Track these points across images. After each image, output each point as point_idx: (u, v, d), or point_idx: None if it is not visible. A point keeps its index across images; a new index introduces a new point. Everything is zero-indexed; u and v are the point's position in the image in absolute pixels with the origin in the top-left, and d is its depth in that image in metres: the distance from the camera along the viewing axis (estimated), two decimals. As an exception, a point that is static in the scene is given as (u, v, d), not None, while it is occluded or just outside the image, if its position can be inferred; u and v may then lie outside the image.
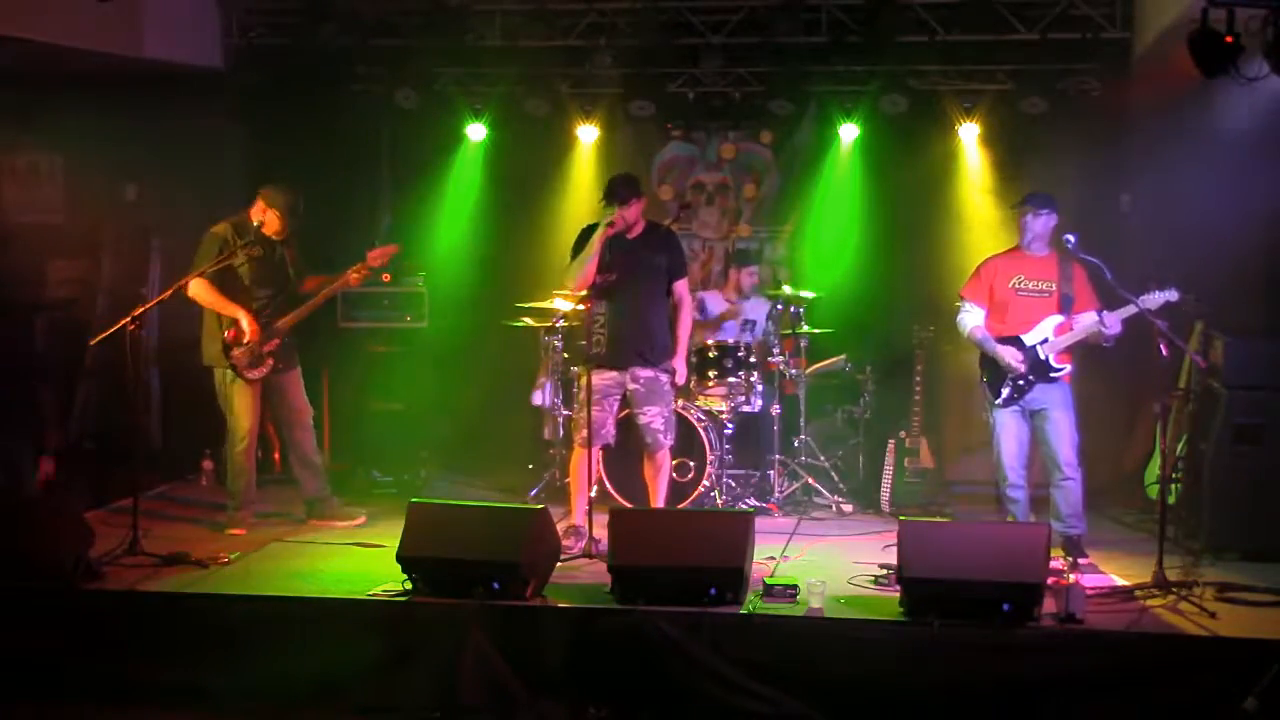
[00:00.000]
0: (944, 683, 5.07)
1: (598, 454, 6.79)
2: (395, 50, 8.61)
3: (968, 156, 8.74)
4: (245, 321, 6.75)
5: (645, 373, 6.66)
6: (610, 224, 6.49)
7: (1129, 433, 7.95)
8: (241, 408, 6.91)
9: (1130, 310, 6.20)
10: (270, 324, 6.88)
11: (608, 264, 6.53)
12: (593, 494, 6.64)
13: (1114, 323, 6.29)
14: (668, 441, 6.76)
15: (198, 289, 6.74)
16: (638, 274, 6.60)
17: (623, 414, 6.91)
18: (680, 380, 6.88)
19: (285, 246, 7.00)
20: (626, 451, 6.98)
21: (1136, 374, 6.92)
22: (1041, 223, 6.48)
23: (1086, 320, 6.40)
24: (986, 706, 5.03)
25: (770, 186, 9.48)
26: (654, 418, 6.68)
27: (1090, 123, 8.28)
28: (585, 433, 6.56)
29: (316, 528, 7.07)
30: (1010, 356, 6.45)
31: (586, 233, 6.65)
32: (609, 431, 6.72)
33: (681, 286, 6.81)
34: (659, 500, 6.82)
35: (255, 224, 6.81)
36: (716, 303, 8.48)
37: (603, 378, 6.59)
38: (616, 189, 6.59)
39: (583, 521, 6.52)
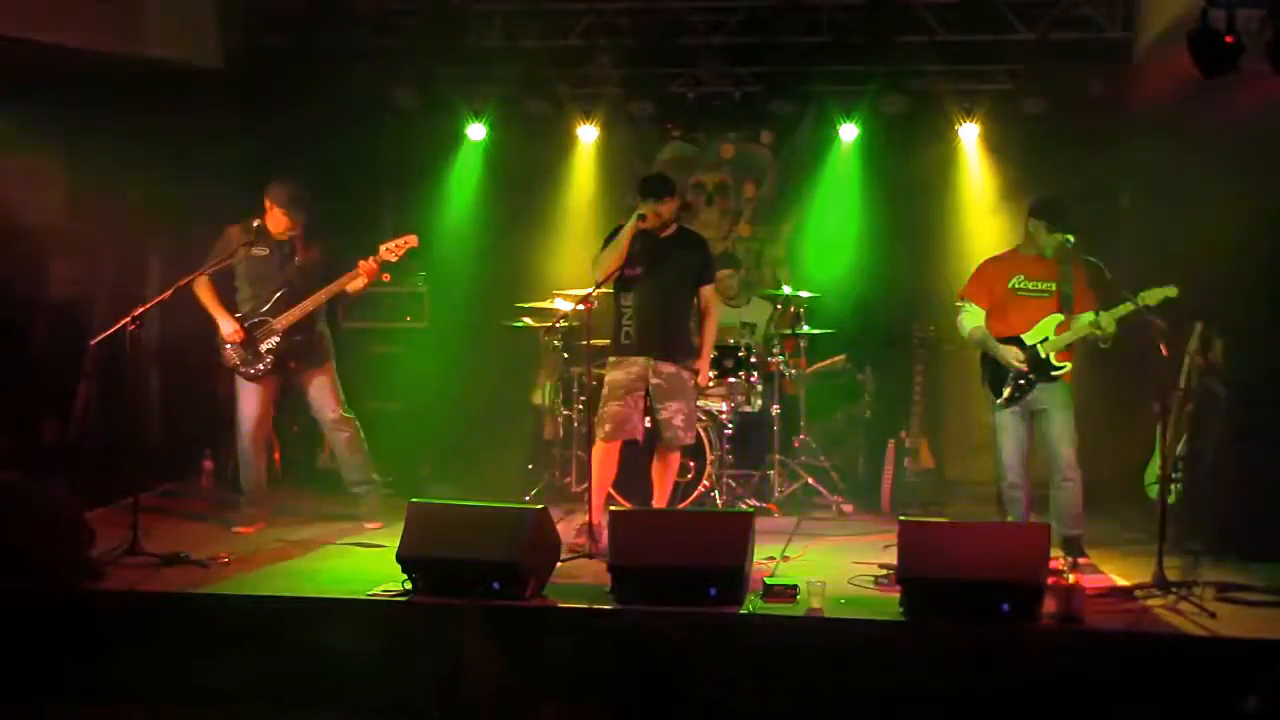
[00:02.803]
0: (944, 683, 5.06)
1: (617, 448, 6.73)
2: (395, 50, 8.61)
3: (968, 156, 8.76)
4: (222, 324, 6.87)
5: (668, 368, 6.65)
6: (641, 217, 6.52)
7: (1129, 433, 7.95)
8: (244, 403, 7.00)
9: (1129, 309, 6.20)
10: (265, 323, 6.88)
11: (635, 257, 6.58)
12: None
13: (1109, 322, 6.30)
14: (687, 440, 6.75)
15: (199, 288, 6.83)
16: (665, 271, 6.63)
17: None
18: (703, 381, 6.86)
19: (303, 246, 6.96)
20: (628, 451, 6.97)
21: (1136, 374, 6.92)
22: (1054, 240, 6.44)
23: (1083, 320, 6.41)
24: (986, 706, 5.02)
25: (770, 186, 9.49)
26: (675, 414, 6.66)
27: (1090, 123, 8.28)
28: (609, 427, 6.56)
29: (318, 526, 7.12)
30: (1012, 356, 6.45)
31: (616, 231, 6.68)
32: (633, 427, 6.70)
33: (709, 292, 6.81)
34: (664, 499, 6.81)
35: (255, 224, 6.82)
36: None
37: (627, 372, 6.59)
38: (651, 185, 6.66)
39: (598, 520, 6.47)
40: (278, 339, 6.87)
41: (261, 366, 6.90)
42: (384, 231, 9.12)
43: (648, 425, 6.80)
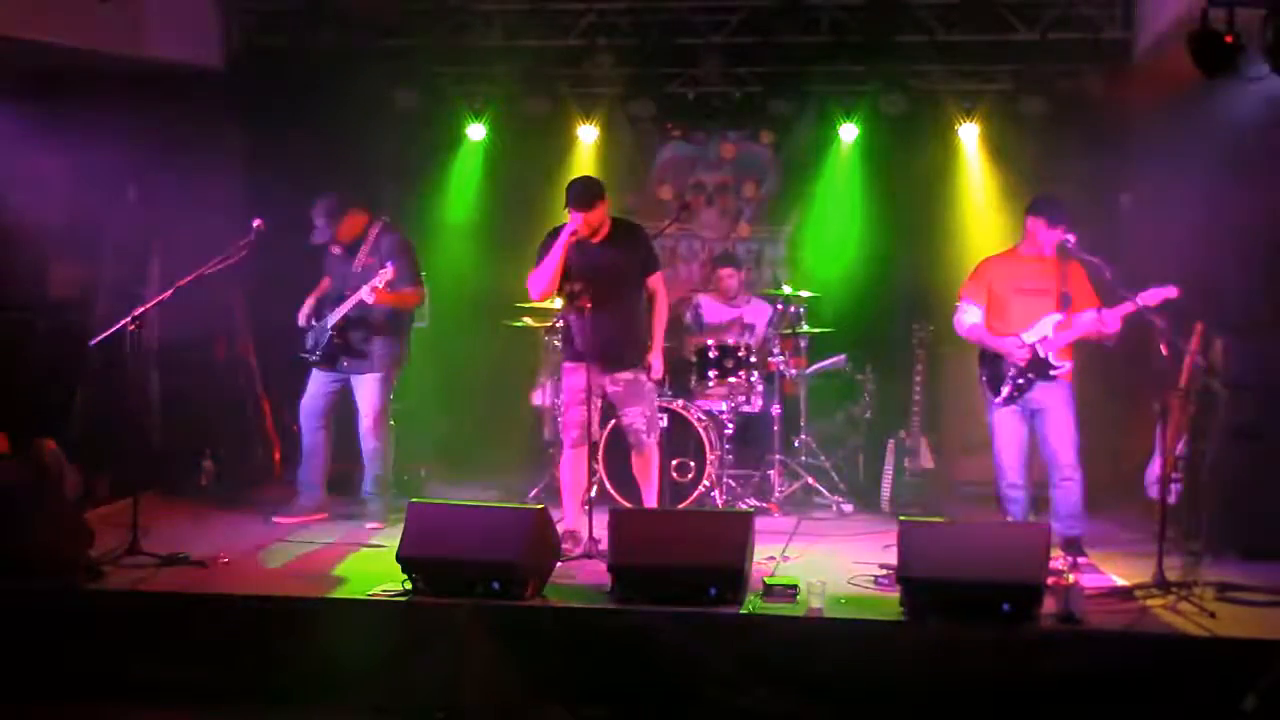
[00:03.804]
0: (944, 683, 5.07)
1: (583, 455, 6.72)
2: (395, 50, 8.61)
3: (968, 156, 8.75)
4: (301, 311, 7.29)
5: (624, 374, 6.60)
6: (573, 232, 6.38)
7: (1129, 433, 7.95)
8: (308, 389, 7.30)
9: (1129, 308, 6.21)
10: (324, 316, 7.18)
11: (573, 271, 6.43)
12: (593, 494, 6.62)
13: (1113, 320, 6.30)
14: (651, 440, 6.69)
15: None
16: (606, 279, 6.46)
17: (612, 422, 6.90)
18: (656, 375, 6.74)
19: (371, 249, 7.19)
20: (627, 451, 6.97)
21: (1136, 374, 6.92)
22: (1052, 235, 6.45)
23: (1085, 319, 6.41)
24: (986, 706, 5.03)
25: (770, 186, 9.49)
26: (635, 418, 6.63)
27: (1090, 123, 8.28)
28: (576, 433, 6.53)
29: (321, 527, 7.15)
30: (1011, 345, 6.44)
31: (551, 238, 6.53)
32: (595, 430, 6.68)
33: (654, 280, 6.67)
34: (651, 496, 6.79)
35: (256, 223, 6.82)
36: (712, 308, 8.48)
37: (586, 377, 6.51)
38: (577, 194, 6.43)
39: (575, 526, 6.49)
40: (329, 334, 7.14)
41: (317, 355, 7.20)
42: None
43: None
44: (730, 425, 7.86)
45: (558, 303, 7.64)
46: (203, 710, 5.26)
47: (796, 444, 8.26)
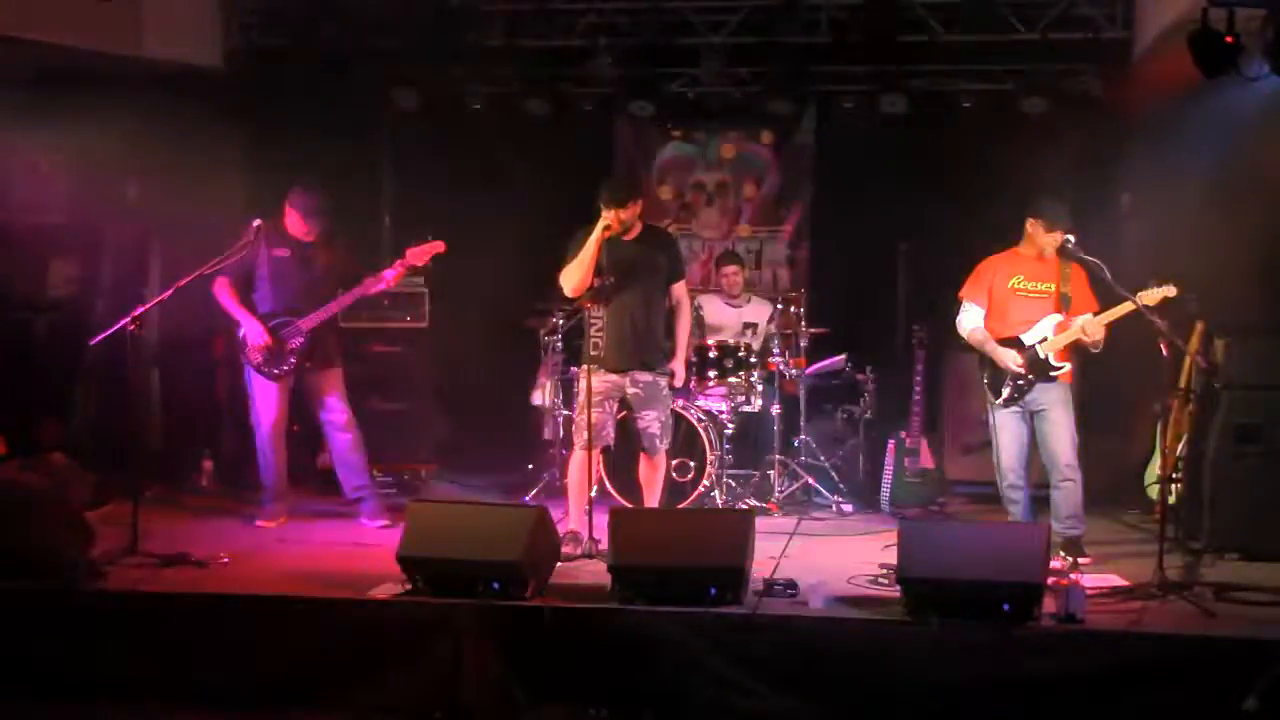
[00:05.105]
0: (944, 683, 5.06)
1: (598, 455, 6.77)
2: (395, 50, 8.61)
3: (967, 156, 8.74)
4: (246, 324, 6.93)
5: (644, 377, 6.62)
6: (606, 227, 6.43)
7: (1129, 433, 7.95)
8: (262, 401, 7.06)
9: (1126, 309, 6.20)
10: (290, 323, 6.94)
11: (603, 268, 6.48)
12: (593, 494, 6.63)
13: (1095, 328, 6.30)
14: (663, 445, 6.71)
15: (218, 288, 6.94)
16: (635, 277, 6.53)
17: (621, 415, 6.91)
18: (678, 383, 6.84)
19: (326, 248, 7.05)
20: (627, 451, 6.97)
21: (1136, 374, 6.92)
22: (1052, 236, 6.45)
23: (1079, 322, 6.41)
24: (986, 706, 5.02)
25: (770, 186, 9.49)
26: (651, 422, 6.64)
27: (1090, 123, 8.29)
28: (586, 435, 6.54)
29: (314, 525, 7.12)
30: (1010, 359, 6.45)
31: (585, 235, 6.58)
32: (608, 433, 6.71)
33: (679, 289, 6.75)
34: (653, 500, 6.80)
35: (257, 224, 6.82)
36: (713, 307, 8.48)
37: (602, 380, 6.55)
38: (612, 191, 6.50)
39: (580, 526, 6.50)
40: (302, 339, 6.95)
41: (285, 367, 6.98)
42: (384, 232, 9.16)
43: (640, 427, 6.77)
44: (730, 425, 7.86)
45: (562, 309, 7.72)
46: (203, 710, 5.25)
47: (796, 444, 8.26)
